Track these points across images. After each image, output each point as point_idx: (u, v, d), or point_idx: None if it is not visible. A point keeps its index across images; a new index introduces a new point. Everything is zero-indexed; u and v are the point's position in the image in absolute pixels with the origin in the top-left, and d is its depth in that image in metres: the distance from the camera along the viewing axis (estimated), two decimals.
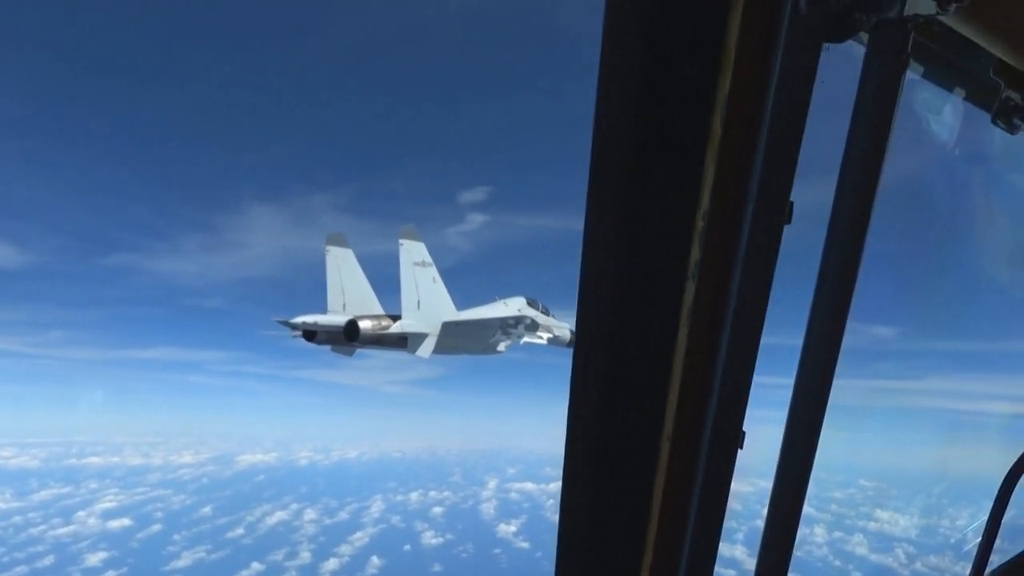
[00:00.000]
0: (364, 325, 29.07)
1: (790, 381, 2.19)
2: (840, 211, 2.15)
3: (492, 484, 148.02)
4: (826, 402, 2.28)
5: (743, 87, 1.65)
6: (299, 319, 29.52)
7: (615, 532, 2.10)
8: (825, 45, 1.79)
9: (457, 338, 30.68)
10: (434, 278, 31.04)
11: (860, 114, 2.00)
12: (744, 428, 2.07)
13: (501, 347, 32.88)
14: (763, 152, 1.74)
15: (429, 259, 31.00)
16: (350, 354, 32.39)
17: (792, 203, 1.86)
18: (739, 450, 2.10)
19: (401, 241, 30.62)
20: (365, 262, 31.27)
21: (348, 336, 29.05)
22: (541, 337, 33.59)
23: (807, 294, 2.10)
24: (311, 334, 30.01)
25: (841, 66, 1.88)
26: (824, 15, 1.72)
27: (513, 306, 32.32)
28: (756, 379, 2.01)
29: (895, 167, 2.05)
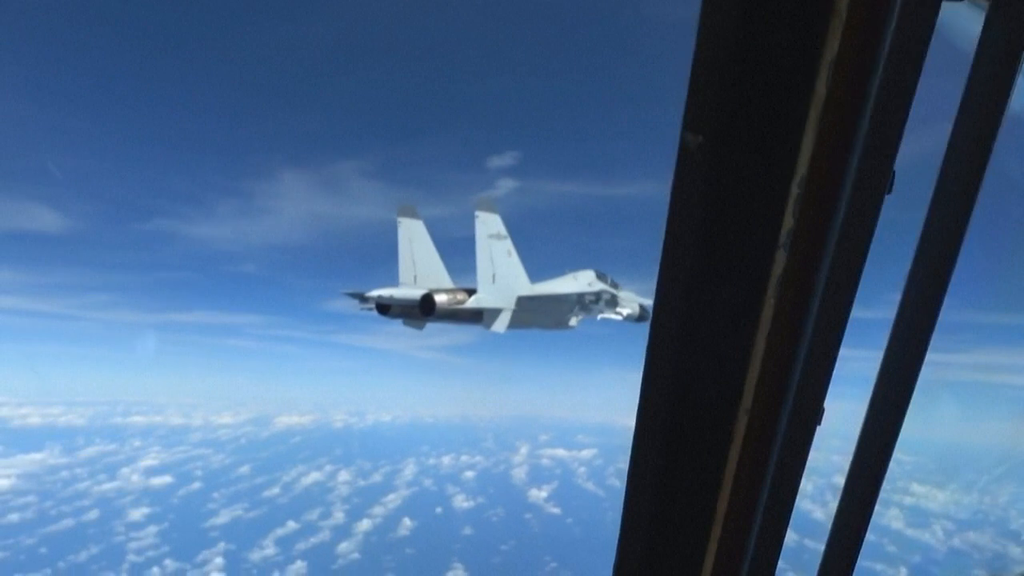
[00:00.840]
0: (440, 299, 28.59)
1: (866, 354, 2.16)
2: (945, 185, 2.07)
3: (524, 450, 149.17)
4: (915, 382, 2.25)
5: (852, 49, 1.54)
6: (374, 292, 29.11)
7: (684, 502, 2.03)
8: (943, 4, 1.71)
9: (531, 313, 30.15)
10: (509, 251, 30.39)
11: (976, 79, 1.91)
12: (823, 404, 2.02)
13: (573, 322, 32.31)
14: (868, 119, 1.65)
15: (504, 231, 30.32)
16: (421, 327, 32.02)
17: (894, 173, 1.78)
18: (818, 426, 2.05)
19: (477, 213, 29.92)
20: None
21: (423, 310, 28.61)
22: (618, 312, 32.98)
23: (897, 267, 2.05)
24: (384, 308, 29.63)
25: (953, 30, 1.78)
26: None
27: (583, 280, 31.67)
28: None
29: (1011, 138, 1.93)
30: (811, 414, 2.02)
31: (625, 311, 33.04)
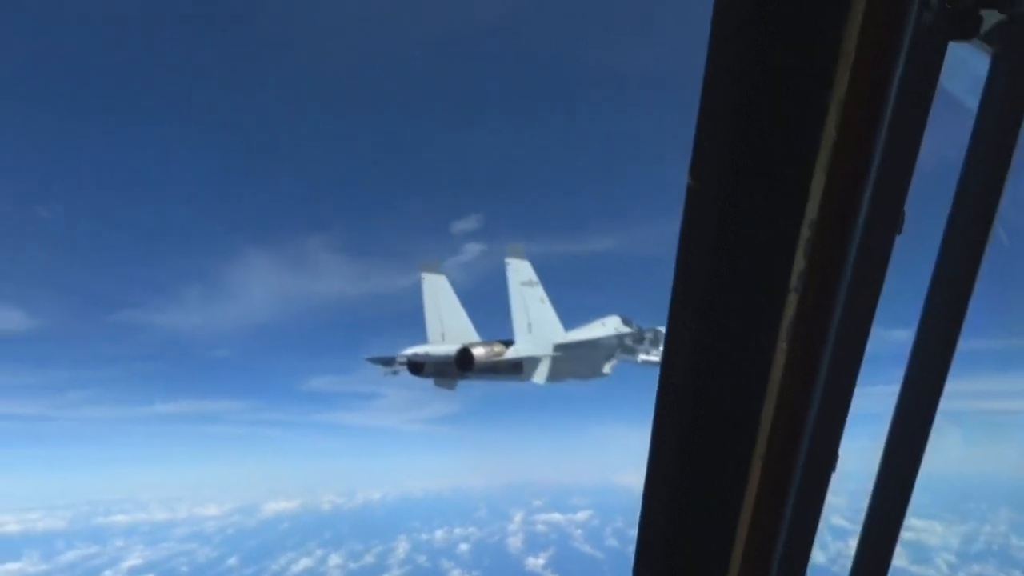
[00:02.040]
0: (478, 353, 28.10)
1: (880, 390, 2.17)
2: (957, 223, 2.12)
3: (518, 517, 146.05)
4: (934, 416, 2.26)
5: (861, 88, 1.54)
6: (407, 351, 28.55)
7: (699, 553, 2.01)
8: (951, 46, 1.76)
9: (570, 362, 29.76)
10: (542, 298, 30.12)
11: (985, 119, 1.96)
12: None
13: (607, 369, 31.91)
14: (879, 158, 1.66)
15: (535, 278, 30.09)
16: (453, 387, 31.36)
17: (905, 213, 1.82)
18: (833, 472, 2.07)
19: (508, 260, 29.73)
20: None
21: (460, 366, 28.02)
22: (650, 356, 32.70)
23: (911, 304, 2.08)
24: (418, 367, 29.00)
25: (959, 68, 1.83)
26: (952, 12, 1.70)
27: (611, 325, 31.40)
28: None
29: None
30: (827, 459, 2.04)
31: (655, 354, 32.80)
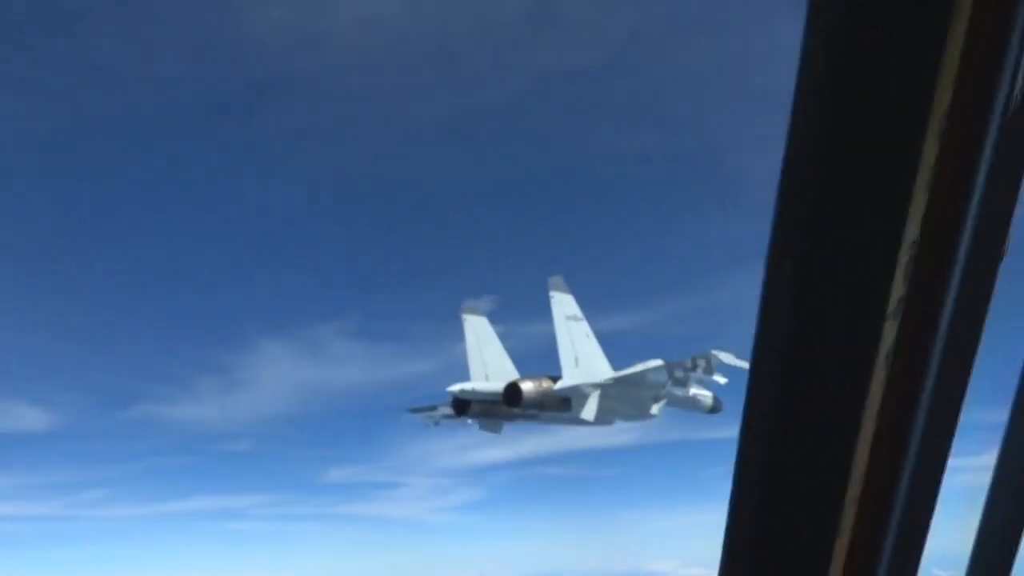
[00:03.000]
0: (526, 387, 27.46)
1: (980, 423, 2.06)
2: None
3: None
4: None
5: (967, 98, 1.46)
6: (454, 388, 27.95)
7: None
8: None
9: (618, 399, 28.85)
10: (587, 333, 29.43)
11: None
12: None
13: (655, 410, 30.88)
14: (984, 174, 1.55)
15: (580, 313, 29.46)
16: (498, 430, 30.71)
17: (1010, 235, 1.67)
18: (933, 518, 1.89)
19: (552, 294, 29.27)
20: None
21: (508, 401, 27.39)
22: (696, 399, 31.68)
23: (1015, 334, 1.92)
24: (463, 405, 28.49)
25: None
26: None
27: (654, 364, 30.48)
28: None
29: None
30: (927, 503, 1.86)
31: (701, 395, 31.87)
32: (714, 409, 34.00)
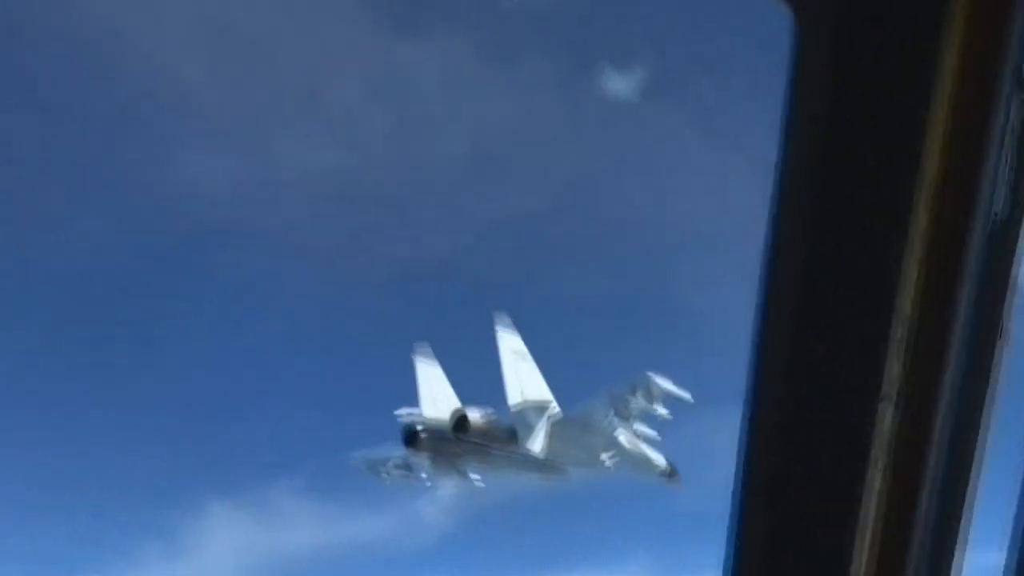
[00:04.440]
0: (473, 415, 27.84)
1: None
2: None
3: None
4: None
5: (955, 163, 1.40)
6: (402, 411, 28.30)
7: None
8: None
9: (565, 433, 29.01)
10: (534, 371, 30.24)
11: None
12: None
13: (607, 459, 30.96)
14: (981, 239, 1.47)
15: (526, 350, 30.47)
16: (449, 473, 30.40)
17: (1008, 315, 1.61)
18: None
19: (498, 329, 30.39)
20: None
21: (456, 428, 27.61)
22: (650, 458, 31.88)
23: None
24: (413, 438, 28.49)
25: None
26: None
27: None
28: None
29: None
30: None
31: (654, 457, 32.07)
32: (669, 475, 33.84)
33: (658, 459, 32.99)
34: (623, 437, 31.47)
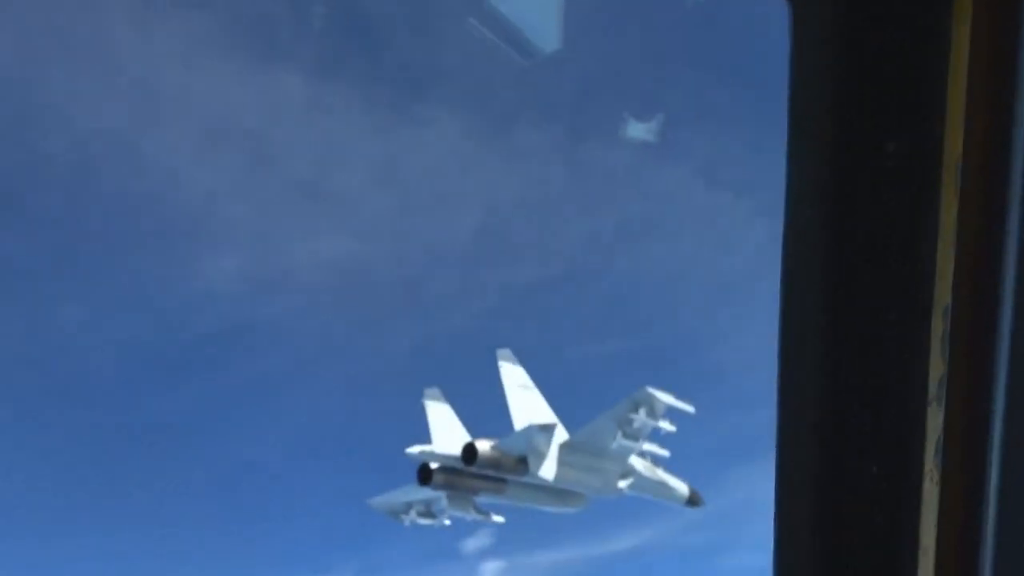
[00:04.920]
0: (482, 446, 28.28)
1: None
2: None
3: None
4: None
5: (979, 137, 1.25)
6: (414, 449, 28.90)
7: None
8: None
9: (578, 459, 29.29)
10: (540, 403, 30.82)
11: None
12: None
13: (623, 484, 31.06)
14: (1017, 215, 1.26)
15: (531, 383, 31.13)
16: (467, 510, 30.74)
17: None
18: None
19: (500, 364, 31.20)
20: None
21: (466, 460, 28.09)
22: (670, 485, 31.99)
23: None
24: (427, 474, 29.04)
25: None
26: None
27: None
28: None
29: None
30: None
31: (674, 482, 32.10)
32: (693, 501, 33.62)
33: (679, 486, 32.91)
34: (639, 464, 31.62)
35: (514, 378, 30.96)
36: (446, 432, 30.31)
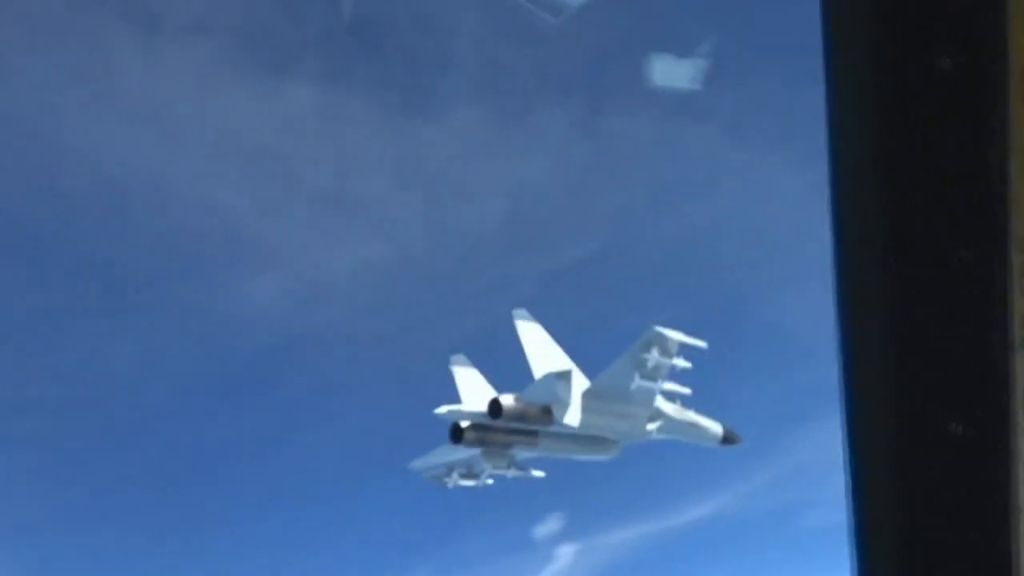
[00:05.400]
0: (506, 400, 29.41)
1: None
2: None
3: None
4: None
5: None
6: (442, 409, 30.18)
7: None
8: None
9: (601, 404, 30.13)
10: (557, 352, 31.85)
11: None
12: None
13: (651, 427, 31.73)
14: None
15: (548, 337, 32.18)
16: (504, 466, 31.87)
17: None
18: None
19: (517, 322, 32.34)
20: None
21: (492, 414, 29.26)
22: (701, 425, 32.65)
23: None
24: (458, 431, 30.25)
25: None
26: None
27: None
28: None
29: None
30: None
31: (705, 422, 32.74)
32: (729, 439, 34.09)
33: (711, 425, 33.44)
34: (667, 406, 32.25)
35: (531, 334, 32.01)
36: (474, 393, 31.48)
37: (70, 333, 47.11)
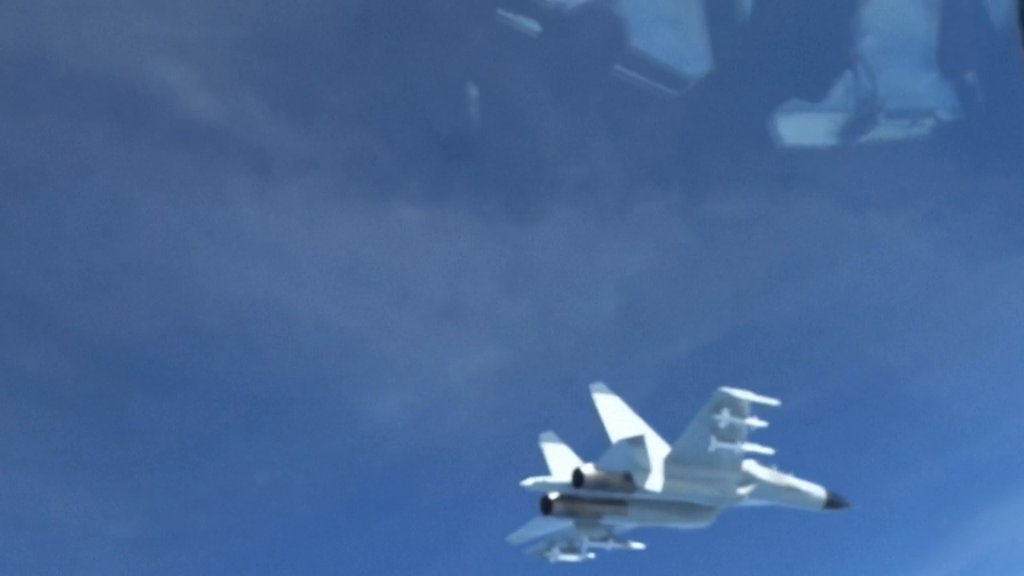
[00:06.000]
0: (587, 468, 30.20)
1: None
2: None
3: None
4: None
5: None
6: (528, 481, 31.27)
7: None
8: None
9: (683, 468, 30.25)
10: (633, 419, 32.39)
11: None
12: None
13: (743, 491, 31.34)
14: None
15: (625, 407, 32.79)
16: (602, 537, 32.40)
17: None
18: None
19: (595, 395, 33.33)
20: None
21: (575, 482, 30.04)
22: (801, 489, 32.07)
23: None
24: (547, 503, 31.08)
25: None
26: None
27: None
28: None
29: None
30: None
31: (807, 486, 32.01)
32: (833, 504, 32.81)
33: (812, 489, 32.49)
34: (761, 471, 31.76)
35: (609, 405, 32.97)
36: (562, 466, 32.43)
37: (214, 461, 50.50)
